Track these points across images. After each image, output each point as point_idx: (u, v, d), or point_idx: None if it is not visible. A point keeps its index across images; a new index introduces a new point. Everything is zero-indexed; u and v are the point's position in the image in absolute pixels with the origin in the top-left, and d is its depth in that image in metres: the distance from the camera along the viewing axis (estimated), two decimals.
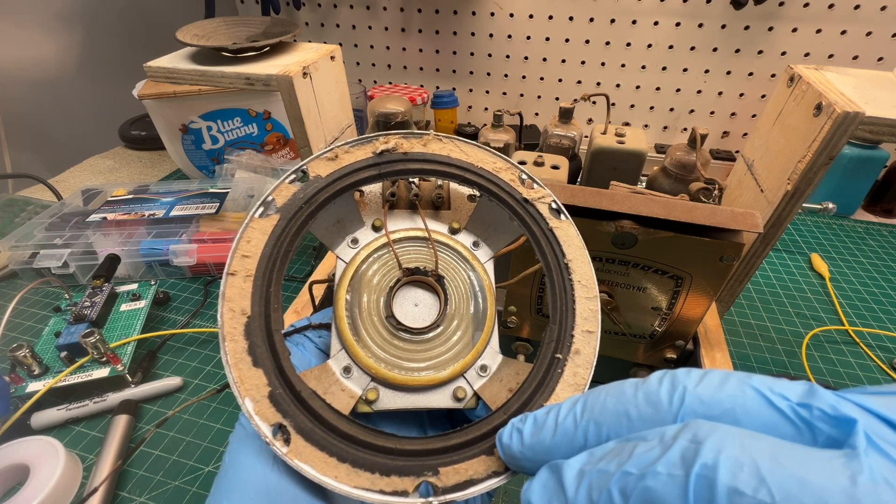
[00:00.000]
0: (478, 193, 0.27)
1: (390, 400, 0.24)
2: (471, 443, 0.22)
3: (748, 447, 0.12)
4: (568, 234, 0.26)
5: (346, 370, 0.24)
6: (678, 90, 0.86)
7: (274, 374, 0.21)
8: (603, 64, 0.86)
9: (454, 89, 0.97)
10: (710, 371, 0.15)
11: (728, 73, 0.82)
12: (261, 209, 0.24)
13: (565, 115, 0.58)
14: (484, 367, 0.25)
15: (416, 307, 0.26)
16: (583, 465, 0.15)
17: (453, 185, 0.29)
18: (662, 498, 0.12)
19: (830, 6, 0.72)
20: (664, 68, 0.84)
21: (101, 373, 0.44)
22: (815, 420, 0.13)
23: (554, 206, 0.27)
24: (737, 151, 0.86)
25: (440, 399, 0.24)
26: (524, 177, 0.27)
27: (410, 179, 0.28)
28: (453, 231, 0.28)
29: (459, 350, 0.25)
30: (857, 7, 0.71)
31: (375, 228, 0.27)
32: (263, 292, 0.22)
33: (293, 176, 0.25)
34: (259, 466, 0.20)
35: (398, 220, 0.27)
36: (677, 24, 0.79)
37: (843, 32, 0.73)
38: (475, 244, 0.28)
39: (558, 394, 0.23)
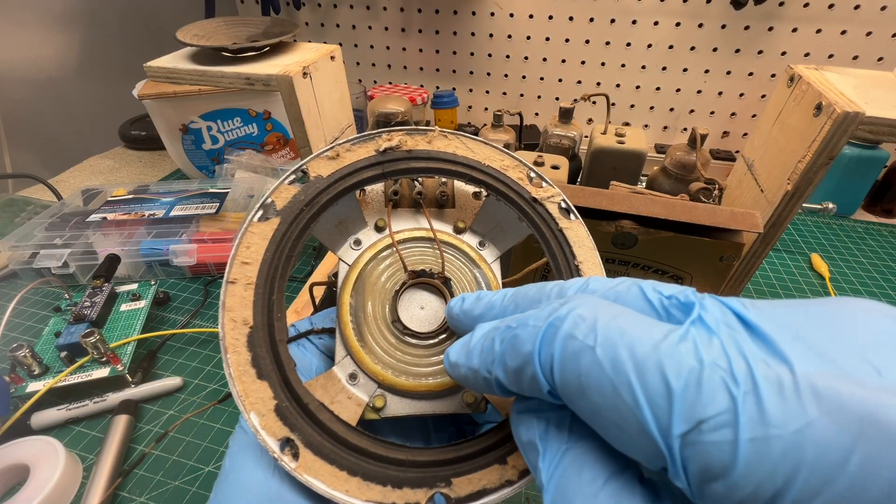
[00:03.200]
0: (484, 192, 0.26)
1: (398, 406, 0.23)
2: (483, 452, 0.21)
3: (597, 309, 0.14)
4: (578, 234, 0.25)
5: (353, 377, 0.23)
6: (678, 90, 0.86)
7: (279, 387, 0.20)
8: (603, 64, 0.86)
9: (454, 89, 0.97)
10: (619, 278, 0.17)
11: (728, 73, 0.82)
12: (260, 212, 0.23)
13: (565, 115, 0.58)
14: None
15: (421, 310, 0.25)
16: (490, 326, 0.18)
17: (458, 183, 0.28)
18: (522, 341, 0.15)
19: (830, 6, 0.72)
20: (664, 68, 0.84)
21: (101, 373, 0.44)
22: (671, 307, 0.15)
23: (563, 205, 0.26)
24: (737, 151, 0.86)
25: (448, 404, 0.23)
26: (532, 175, 0.26)
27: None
28: (458, 230, 0.27)
29: None
30: (857, 7, 0.71)
31: (378, 229, 0.26)
32: (265, 301, 0.22)
33: (293, 176, 0.24)
34: (259, 473, 0.20)
35: (402, 219, 0.27)
36: (677, 24, 0.79)
37: (843, 32, 0.73)
38: (481, 244, 0.27)
39: None
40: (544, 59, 0.89)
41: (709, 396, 0.11)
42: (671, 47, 0.82)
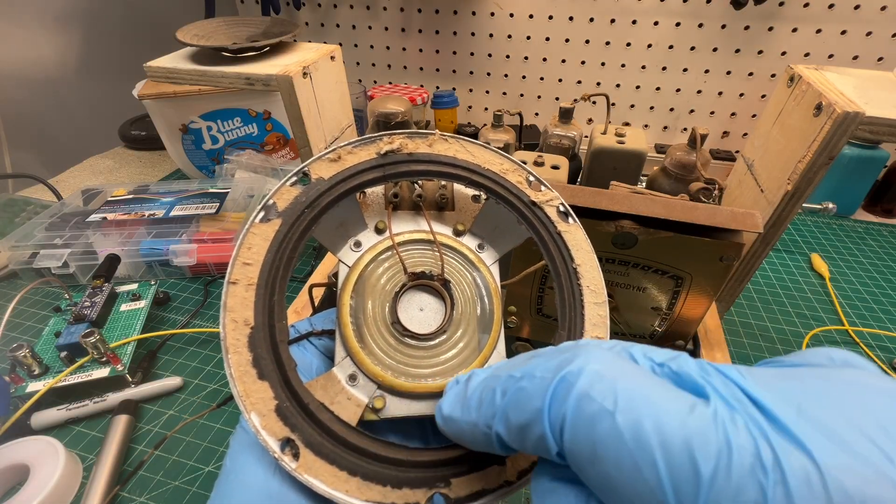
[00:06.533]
0: (483, 195, 0.27)
1: (397, 407, 0.23)
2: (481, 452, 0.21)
3: (615, 367, 0.13)
4: (576, 237, 0.26)
5: (352, 378, 0.23)
6: (678, 90, 0.86)
7: (280, 387, 0.21)
8: (603, 64, 0.86)
9: (454, 89, 0.97)
10: (610, 342, 0.16)
11: (728, 73, 0.82)
12: (261, 214, 0.23)
13: (565, 115, 0.58)
14: None
15: (421, 312, 0.25)
16: (487, 374, 0.17)
17: (457, 186, 0.28)
18: (529, 395, 0.14)
19: (830, 6, 0.72)
20: (664, 68, 0.84)
21: (101, 373, 0.44)
22: (663, 375, 0.14)
23: (562, 209, 0.26)
24: (737, 151, 0.86)
25: None
26: (532, 178, 0.26)
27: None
28: (458, 233, 0.27)
29: (466, 356, 0.24)
30: (857, 7, 0.71)
31: (378, 231, 0.26)
32: (266, 301, 0.22)
33: (294, 178, 0.24)
34: (260, 472, 0.20)
35: (401, 221, 0.27)
36: (677, 24, 0.79)
37: (843, 32, 0.73)
38: (480, 246, 0.27)
39: None
40: (544, 59, 0.89)
41: (737, 486, 0.11)
42: (671, 47, 0.81)
